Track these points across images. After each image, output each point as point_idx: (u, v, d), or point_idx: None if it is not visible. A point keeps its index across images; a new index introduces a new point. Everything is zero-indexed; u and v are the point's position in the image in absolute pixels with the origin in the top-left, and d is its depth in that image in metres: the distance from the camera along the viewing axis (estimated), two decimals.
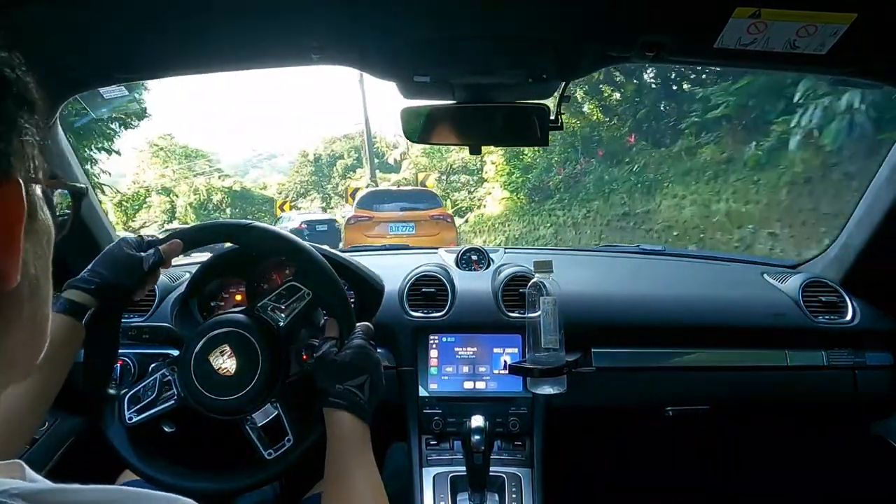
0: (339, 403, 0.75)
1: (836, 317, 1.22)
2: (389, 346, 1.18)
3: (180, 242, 0.87)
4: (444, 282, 1.25)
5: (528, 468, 1.13)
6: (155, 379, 0.86)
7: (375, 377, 0.80)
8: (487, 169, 12.80)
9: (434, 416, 1.17)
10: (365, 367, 0.79)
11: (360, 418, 0.75)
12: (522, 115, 1.02)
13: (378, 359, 0.82)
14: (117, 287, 0.81)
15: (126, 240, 0.85)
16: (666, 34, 0.80)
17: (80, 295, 0.79)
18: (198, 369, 0.83)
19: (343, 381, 0.77)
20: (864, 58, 0.83)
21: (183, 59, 0.92)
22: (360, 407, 0.76)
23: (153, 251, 0.84)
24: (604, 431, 1.42)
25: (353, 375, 0.78)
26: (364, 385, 0.78)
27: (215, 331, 0.85)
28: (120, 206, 19.48)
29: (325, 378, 0.79)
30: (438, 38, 0.84)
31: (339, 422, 0.74)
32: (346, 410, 0.75)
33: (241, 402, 0.83)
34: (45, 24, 0.74)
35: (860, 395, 1.20)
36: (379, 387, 0.80)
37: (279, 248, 0.90)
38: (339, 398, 0.75)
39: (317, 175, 26.83)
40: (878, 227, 1.16)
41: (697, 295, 1.29)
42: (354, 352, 0.80)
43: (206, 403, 0.84)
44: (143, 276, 0.83)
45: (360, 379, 0.78)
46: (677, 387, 1.22)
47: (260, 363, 0.83)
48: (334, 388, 0.76)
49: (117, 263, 0.82)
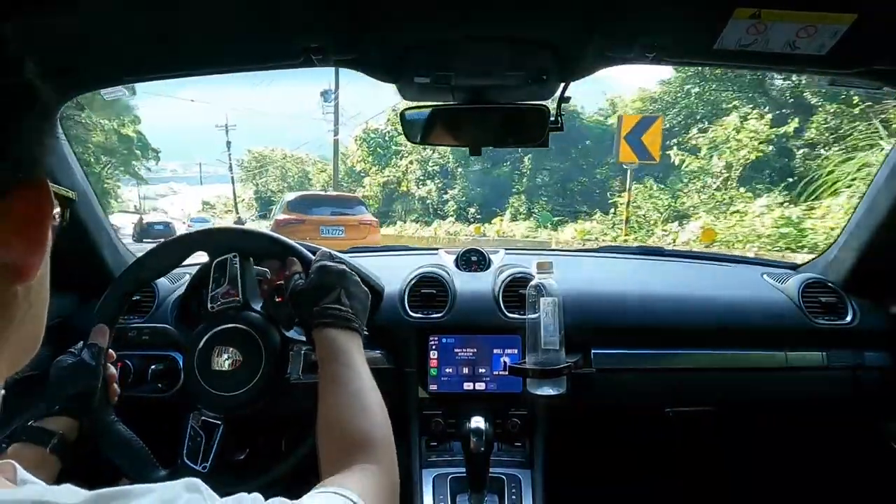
0: (323, 321, 0.75)
1: (836, 317, 1.22)
2: (389, 347, 1.18)
3: (104, 326, 0.88)
4: (444, 283, 1.25)
5: (527, 469, 1.13)
6: (192, 427, 0.88)
7: (347, 286, 0.80)
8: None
9: (434, 417, 1.17)
10: (332, 283, 0.79)
11: (348, 329, 0.75)
12: (523, 116, 1.02)
13: (342, 269, 0.82)
14: (81, 395, 0.82)
15: (59, 360, 0.86)
16: (666, 35, 0.80)
17: (51, 421, 0.80)
18: (201, 368, 0.84)
19: (318, 303, 0.77)
20: (863, 59, 0.83)
21: (183, 60, 0.92)
22: (344, 318, 0.76)
23: (87, 349, 0.85)
24: (604, 432, 1.42)
25: (325, 294, 0.78)
26: (340, 297, 0.78)
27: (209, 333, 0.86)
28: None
29: (300, 309, 0.79)
30: (439, 39, 0.84)
31: (326, 338, 0.74)
32: (331, 327, 0.75)
33: (254, 393, 0.84)
34: (44, 25, 0.74)
35: (860, 396, 1.20)
36: (356, 292, 0.81)
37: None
38: (320, 318, 0.76)
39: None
40: (877, 228, 1.16)
41: (697, 296, 1.29)
42: (316, 274, 0.81)
43: (205, 398, 0.84)
44: (95, 372, 0.84)
45: (334, 294, 0.78)
46: (677, 388, 1.22)
47: (263, 360, 0.84)
48: (313, 311, 0.77)
49: (64, 378, 0.83)
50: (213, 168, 29.62)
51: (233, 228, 0.94)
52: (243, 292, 0.89)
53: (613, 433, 1.43)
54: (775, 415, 1.34)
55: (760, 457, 1.47)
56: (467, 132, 1.06)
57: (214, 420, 0.87)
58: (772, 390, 1.22)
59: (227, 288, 0.90)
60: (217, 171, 29.43)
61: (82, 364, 0.83)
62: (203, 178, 35.81)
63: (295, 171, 29.92)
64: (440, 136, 1.05)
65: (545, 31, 0.82)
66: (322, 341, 0.74)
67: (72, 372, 0.83)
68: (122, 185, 26.74)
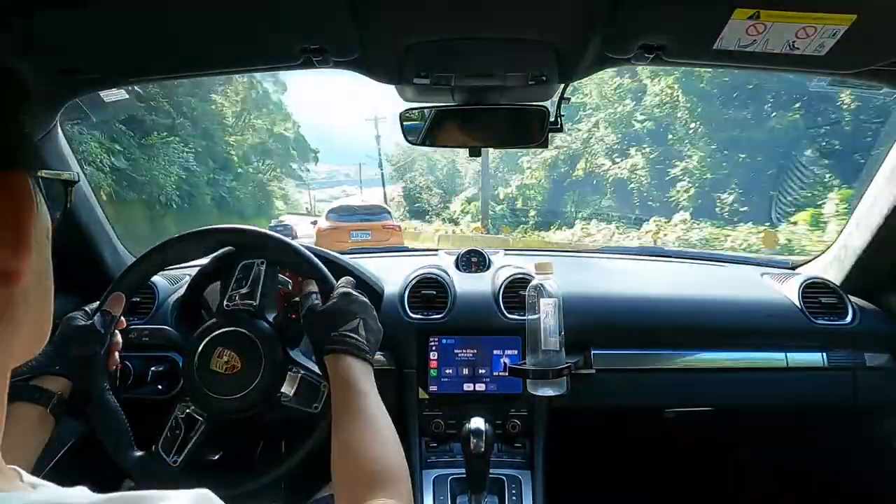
0: (338, 348, 0.74)
1: (836, 318, 1.22)
2: (389, 348, 1.18)
3: (120, 294, 0.87)
4: (444, 284, 1.25)
5: (527, 470, 1.13)
6: (175, 417, 0.87)
7: (368, 318, 0.79)
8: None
9: (434, 418, 1.17)
10: (355, 311, 0.78)
11: (361, 360, 0.74)
12: (523, 116, 1.02)
13: (366, 302, 0.82)
14: (83, 359, 0.81)
15: (72, 316, 0.85)
16: (666, 36, 0.80)
17: (49, 380, 0.79)
18: (201, 371, 0.84)
19: (336, 328, 0.76)
20: (863, 59, 0.83)
21: (184, 62, 0.92)
22: (360, 348, 0.75)
23: (99, 315, 0.85)
24: (604, 433, 1.42)
25: (346, 320, 0.77)
26: (358, 327, 0.77)
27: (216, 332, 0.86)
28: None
29: (317, 329, 0.78)
30: (438, 40, 0.84)
31: (341, 366, 0.73)
32: (347, 354, 0.73)
33: (245, 401, 0.83)
34: (45, 26, 0.74)
35: (860, 397, 1.19)
36: (374, 327, 0.80)
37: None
38: (336, 344, 0.74)
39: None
40: (877, 229, 1.16)
41: (697, 296, 1.29)
42: (341, 299, 0.80)
43: (224, 408, 0.84)
44: (102, 340, 0.83)
45: (354, 323, 0.77)
46: (677, 388, 1.22)
47: (263, 363, 0.84)
48: (329, 336, 0.75)
49: (72, 338, 0.82)
50: (374, 170, 27.33)
51: (264, 233, 0.92)
52: (261, 298, 0.89)
53: (613, 434, 1.43)
54: (775, 415, 1.34)
55: (760, 457, 1.47)
56: (467, 133, 1.06)
57: (199, 416, 0.86)
58: (772, 391, 1.22)
59: (247, 290, 0.89)
60: (377, 171, 27.11)
61: (92, 329, 0.83)
62: (367, 179, 33.83)
63: (444, 163, 26.13)
64: (440, 138, 1.05)
65: (545, 32, 0.82)
66: (337, 368, 0.73)
67: (80, 334, 0.82)
68: (295, 188, 25.69)
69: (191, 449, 0.85)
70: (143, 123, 11.70)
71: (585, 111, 14.99)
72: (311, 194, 34.49)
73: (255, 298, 0.89)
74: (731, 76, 10.96)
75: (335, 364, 0.74)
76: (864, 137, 8.87)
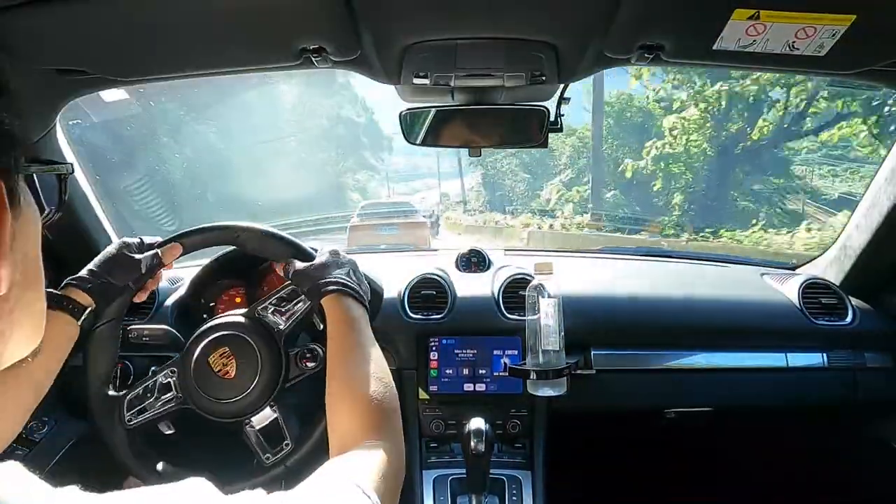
0: (335, 288, 0.75)
1: (836, 318, 1.22)
2: (389, 349, 1.18)
3: (180, 245, 0.88)
4: (444, 284, 1.25)
5: (527, 470, 1.13)
6: (155, 381, 0.86)
7: (356, 268, 0.82)
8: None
9: (434, 419, 1.17)
10: (343, 262, 0.81)
11: (358, 301, 0.75)
12: (522, 117, 1.02)
13: (352, 259, 0.84)
14: (115, 287, 0.81)
15: (126, 242, 0.85)
16: (666, 36, 0.80)
17: (79, 293, 0.78)
18: (197, 372, 0.83)
19: (331, 274, 0.78)
20: (863, 59, 0.83)
21: (184, 62, 0.92)
22: (356, 290, 0.76)
23: (152, 254, 0.84)
24: (604, 433, 1.42)
25: (338, 267, 0.79)
26: (349, 273, 0.79)
27: (215, 333, 0.85)
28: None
29: (309, 280, 0.79)
30: (438, 40, 0.84)
31: (341, 306, 0.74)
32: (345, 295, 0.75)
33: (241, 405, 0.83)
34: (46, 26, 0.75)
35: (860, 397, 1.20)
36: (363, 278, 0.81)
37: (275, 250, 0.90)
38: (333, 285, 0.76)
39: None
40: (877, 229, 1.16)
41: (697, 297, 1.29)
42: (327, 255, 0.83)
43: (205, 406, 0.83)
44: (140, 278, 0.83)
45: (345, 269, 0.79)
46: (677, 389, 1.22)
47: (259, 366, 0.83)
48: (325, 279, 0.77)
49: (116, 265, 0.82)
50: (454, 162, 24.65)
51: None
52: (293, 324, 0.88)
53: (614, 434, 1.43)
54: (775, 416, 1.34)
55: (760, 457, 1.47)
56: (467, 133, 1.06)
57: (177, 390, 0.85)
58: (772, 391, 1.22)
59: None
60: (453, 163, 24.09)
61: (136, 265, 0.83)
62: (445, 172, 32.04)
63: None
64: (440, 138, 1.05)
65: (545, 32, 0.82)
66: (334, 308, 0.74)
67: (123, 264, 0.82)
68: (369, 179, 23.92)
69: (152, 417, 0.85)
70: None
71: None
72: (392, 188, 33.22)
73: (283, 324, 0.87)
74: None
75: (335, 304, 0.75)
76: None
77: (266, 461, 0.84)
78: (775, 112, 9.06)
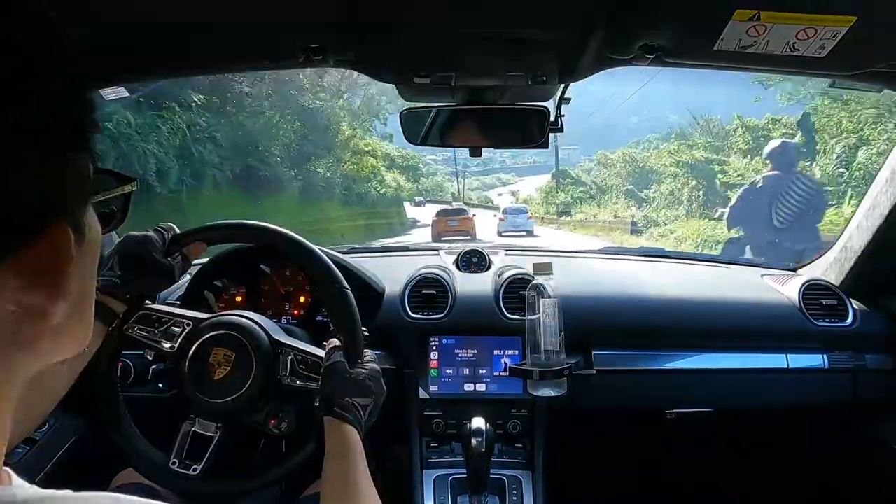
0: (346, 416, 0.75)
1: (837, 320, 1.22)
2: (390, 349, 1.18)
3: (204, 245, 0.88)
4: (445, 284, 1.25)
5: (528, 471, 1.13)
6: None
7: (378, 404, 0.80)
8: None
9: (434, 419, 1.17)
10: (375, 392, 0.80)
11: (358, 431, 0.75)
12: (523, 117, 1.02)
13: (385, 391, 0.82)
14: (146, 295, 0.83)
15: (151, 241, 0.82)
16: (666, 36, 0.80)
17: (113, 301, 0.80)
18: (193, 371, 0.83)
19: (352, 396, 0.77)
20: (863, 60, 0.83)
21: (184, 61, 0.92)
22: (360, 424, 0.76)
23: (180, 258, 0.84)
24: (604, 434, 1.42)
25: (364, 395, 0.78)
26: (368, 407, 0.78)
27: (212, 332, 0.85)
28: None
29: (334, 388, 0.78)
30: (439, 39, 0.84)
31: (343, 433, 0.74)
32: (350, 424, 0.75)
33: (235, 405, 0.82)
34: None
35: (860, 398, 1.19)
36: (376, 415, 0.81)
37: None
38: (345, 411, 0.75)
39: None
40: (877, 230, 1.16)
41: (698, 298, 1.29)
42: (370, 374, 0.80)
43: (199, 405, 0.83)
44: (171, 282, 0.85)
45: (368, 401, 0.78)
46: (678, 389, 1.22)
47: (254, 367, 0.82)
48: (343, 399, 0.76)
49: (151, 272, 0.81)
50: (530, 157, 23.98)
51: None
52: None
53: (614, 435, 1.43)
54: (776, 417, 1.34)
55: (760, 458, 1.47)
56: (467, 133, 1.06)
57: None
58: (772, 392, 1.22)
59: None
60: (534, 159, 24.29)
61: (168, 272, 0.82)
62: (522, 167, 30.66)
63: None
64: (440, 138, 1.05)
65: (545, 32, 0.82)
66: (341, 433, 0.74)
67: (156, 270, 0.81)
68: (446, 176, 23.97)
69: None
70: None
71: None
72: (463, 182, 31.41)
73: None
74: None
75: (338, 428, 0.74)
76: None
77: (172, 464, 0.83)
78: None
